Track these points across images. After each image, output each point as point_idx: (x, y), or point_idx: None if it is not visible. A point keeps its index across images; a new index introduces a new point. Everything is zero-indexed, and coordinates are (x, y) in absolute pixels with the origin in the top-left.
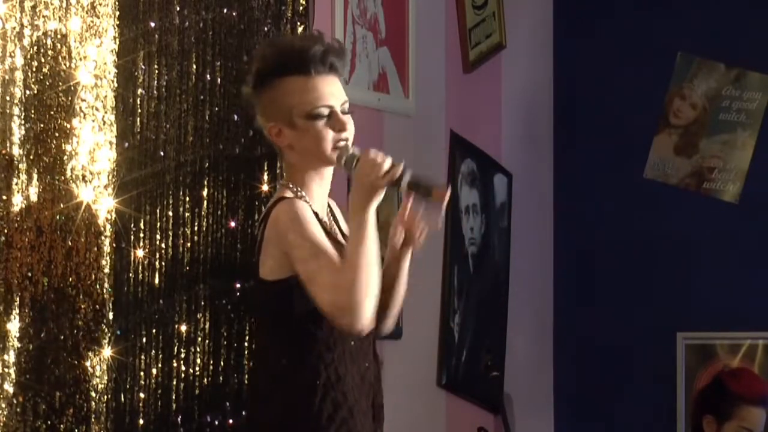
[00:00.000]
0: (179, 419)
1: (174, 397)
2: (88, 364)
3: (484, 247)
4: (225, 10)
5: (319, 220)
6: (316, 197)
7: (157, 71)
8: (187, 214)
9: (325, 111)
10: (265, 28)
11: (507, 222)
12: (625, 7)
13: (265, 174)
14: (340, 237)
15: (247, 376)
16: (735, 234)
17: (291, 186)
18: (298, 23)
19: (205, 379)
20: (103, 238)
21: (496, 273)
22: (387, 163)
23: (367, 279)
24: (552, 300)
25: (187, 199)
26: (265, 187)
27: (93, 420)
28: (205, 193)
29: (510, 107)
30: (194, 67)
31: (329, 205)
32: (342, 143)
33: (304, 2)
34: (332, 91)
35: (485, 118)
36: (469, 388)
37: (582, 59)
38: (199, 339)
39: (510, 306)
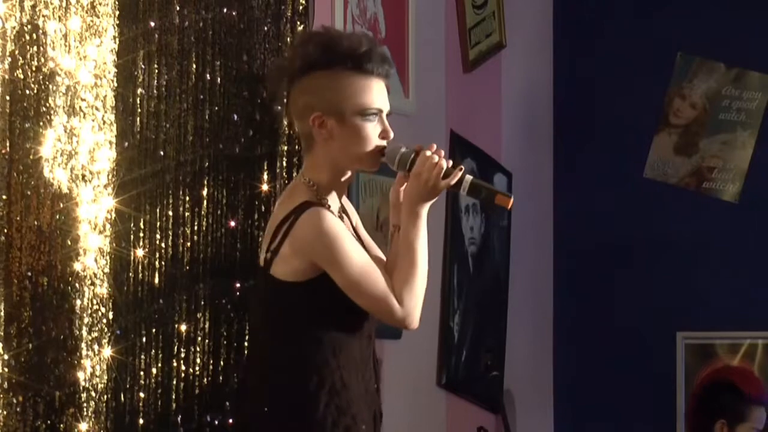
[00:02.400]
0: (179, 419)
1: (174, 397)
2: (88, 363)
3: (484, 246)
4: (225, 10)
5: (345, 225)
6: (334, 196)
7: (156, 71)
8: (187, 214)
9: (376, 113)
10: (265, 28)
11: (507, 221)
12: (625, 6)
13: (265, 174)
14: (350, 227)
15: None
16: (735, 233)
17: (311, 183)
18: (298, 23)
19: (205, 379)
20: (102, 237)
21: (496, 272)
22: (445, 162)
23: (422, 279)
24: (552, 299)
25: (187, 198)
26: (264, 187)
27: (93, 420)
28: (204, 192)
29: (510, 107)
30: (194, 66)
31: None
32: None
33: (304, 2)
34: (383, 96)
35: (485, 118)
36: (469, 387)
37: (582, 59)
38: (199, 339)
39: (510, 305)
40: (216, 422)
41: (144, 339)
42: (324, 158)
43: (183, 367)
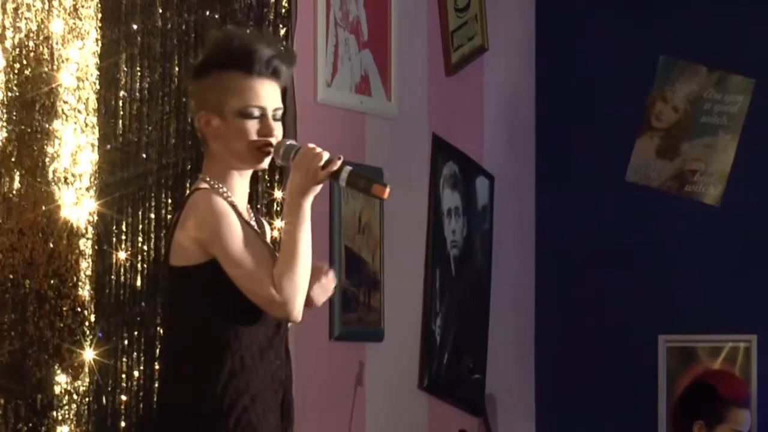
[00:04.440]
0: None
1: (156, 400)
2: (69, 366)
3: (466, 249)
4: (207, 13)
5: (238, 213)
6: (236, 193)
7: (139, 73)
8: (169, 216)
9: (257, 112)
10: (248, 31)
11: (489, 224)
12: (608, 10)
13: None
14: (257, 229)
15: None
16: (716, 236)
17: (209, 179)
18: (281, 25)
19: None
20: (84, 240)
21: (478, 275)
22: (326, 155)
23: (303, 269)
24: (533, 302)
25: (169, 201)
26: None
27: (74, 422)
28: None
29: (492, 110)
30: (176, 69)
31: (254, 212)
32: (270, 148)
33: (286, 5)
34: (267, 95)
35: (467, 121)
36: (451, 390)
37: (564, 62)
38: None
39: (492, 308)
40: None
41: (126, 341)
42: (216, 156)
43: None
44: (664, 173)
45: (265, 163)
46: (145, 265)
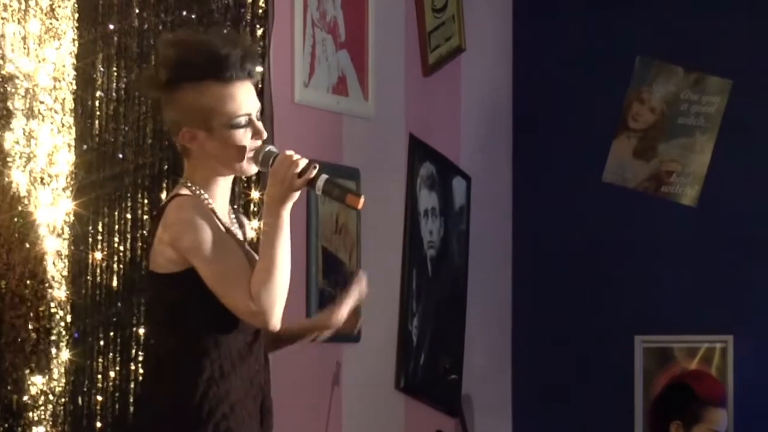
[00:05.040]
0: None
1: (132, 400)
2: (45, 367)
3: (443, 250)
4: (184, 13)
5: (219, 219)
6: (217, 200)
7: (116, 74)
8: (145, 217)
9: (244, 120)
10: (225, 31)
11: (466, 225)
12: (585, 10)
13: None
14: (240, 236)
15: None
16: (693, 237)
17: (190, 185)
18: (258, 26)
19: None
20: (61, 240)
21: (455, 276)
22: (303, 162)
23: (281, 278)
24: (510, 303)
25: (146, 201)
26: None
27: (50, 423)
28: (163, 195)
29: (469, 110)
30: (152, 71)
31: (236, 215)
32: (251, 153)
33: (263, 5)
34: (248, 99)
35: (444, 122)
36: (428, 391)
37: (541, 63)
38: None
39: (468, 309)
40: None
41: (102, 342)
42: (200, 165)
43: (141, 371)
44: (641, 174)
45: (254, 169)
46: (121, 266)
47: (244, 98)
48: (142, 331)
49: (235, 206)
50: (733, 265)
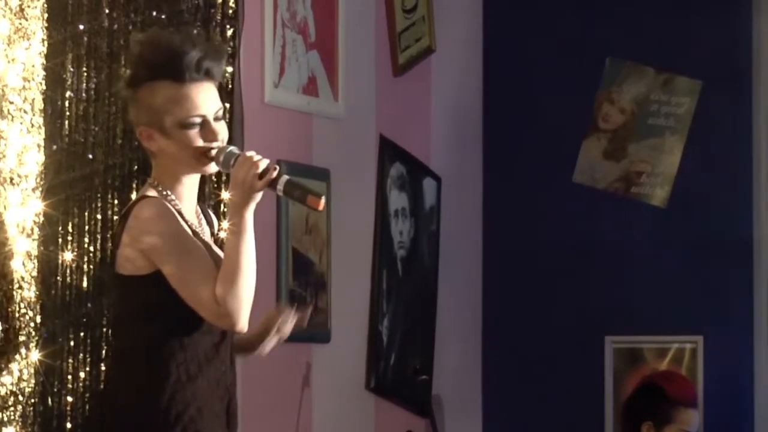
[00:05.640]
0: None
1: (100, 406)
2: (15, 367)
3: (413, 250)
4: (154, 13)
5: (185, 221)
6: (184, 200)
7: (85, 74)
8: (115, 217)
9: (198, 120)
10: (195, 31)
11: (436, 226)
12: (555, 11)
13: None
14: (208, 238)
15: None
16: (663, 238)
17: (157, 186)
18: (228, 26)
19: None
20: (31, 241)
21: (425, 276)
22: (264, 163)
23: (246, 280)
24: (480, 303)
25: (116, 202)
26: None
27: (20, 424)
28: (134, 196)
29: (439, 111)
30: (123, 69)
31: (203, 211)
32: (213, 152)
33: (233, 5)
34: (205, 100)
35: (415, 122)
36: (398, 391)
37: (511, 63)
38: None
39: (439, 309)
40: None
41: (72, 343)
42: (163, 165)
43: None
44: (611, 174)
45: (213, 168)
46: (91, 266)
47: (199, 99)
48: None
49: (204, 203)
50: (702, 265)
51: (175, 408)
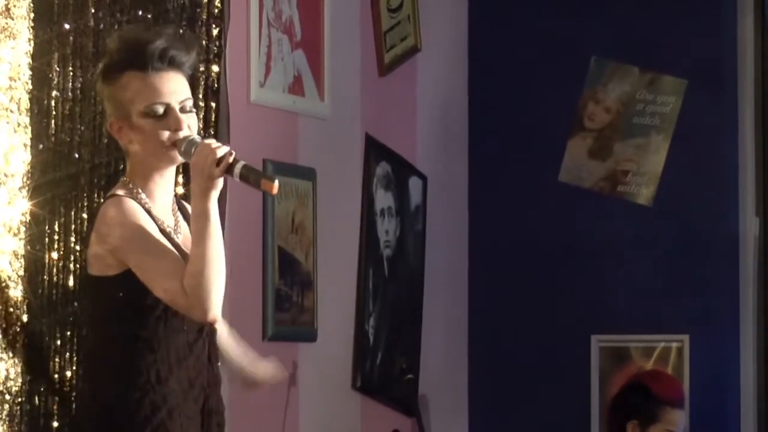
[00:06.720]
0: None
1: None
2: (2, 366)
3: (399, 249)
4: (140, 13)
5: (153, 218)
6: (157, 195)
7: (72, 73)
8: None
9: (161, 109)
10: (180, 31)
11: (422, 225)
12: (540, 10)
13: (180, 176)
14: (186, 233)
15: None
16: (649, 237)
17: (128, 183)
18: (213, 26)
19: None
20: (17, 240)
21: (411, 276)
22: (221, 150)
23: (213, 268)
24: (467, 302)
25: (102, 201)
26: (180, 190)
27: (7, 423)
28: None
29: (425, 110)
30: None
31: (180, 207)
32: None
33: (219, 5)
34: (170, 89)
35: (400, 121)
36: (384, 390)
37: (497, 63)
38: None
39: (425, 309)
40: None
41: (58, 342)
42: (135, 161)
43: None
44: (597, 174)
45: (180, 159)
46: (77, 266)
47: (163, 88)
48: None
49: (179, 195)
50: (688, 264)
51: (143, 410)
